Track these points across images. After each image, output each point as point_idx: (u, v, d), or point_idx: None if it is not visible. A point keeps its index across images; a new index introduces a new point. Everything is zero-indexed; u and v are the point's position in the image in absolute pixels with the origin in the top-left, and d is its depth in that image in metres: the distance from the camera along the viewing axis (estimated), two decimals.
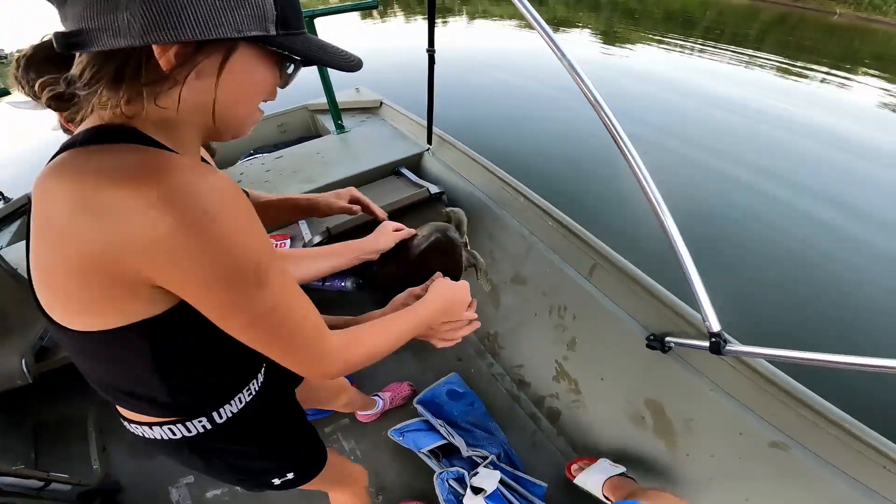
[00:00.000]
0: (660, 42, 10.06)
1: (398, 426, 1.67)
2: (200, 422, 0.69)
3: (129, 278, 0.44)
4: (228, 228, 0.44)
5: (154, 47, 0.41)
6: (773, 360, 1.10)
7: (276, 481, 0.87)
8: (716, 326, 1.01)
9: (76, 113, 0.49)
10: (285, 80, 0.55)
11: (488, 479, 1.46)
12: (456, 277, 0.93)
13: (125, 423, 0.72)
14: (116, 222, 0.40)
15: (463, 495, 1.45)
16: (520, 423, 1.77)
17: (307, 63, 0.54)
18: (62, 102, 0.50)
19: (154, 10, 0.39)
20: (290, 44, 0.49)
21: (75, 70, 0.46)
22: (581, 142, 4.60)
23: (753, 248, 3.65)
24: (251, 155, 2.60)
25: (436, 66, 1.78)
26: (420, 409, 1.73)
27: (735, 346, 1.02)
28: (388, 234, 1.00)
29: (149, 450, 0.74)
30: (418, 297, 0.84)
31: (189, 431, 0.69)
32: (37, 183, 0.45)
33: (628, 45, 9.60)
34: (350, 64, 0.56)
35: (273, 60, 0.51)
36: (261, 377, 0.78)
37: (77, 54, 0.45)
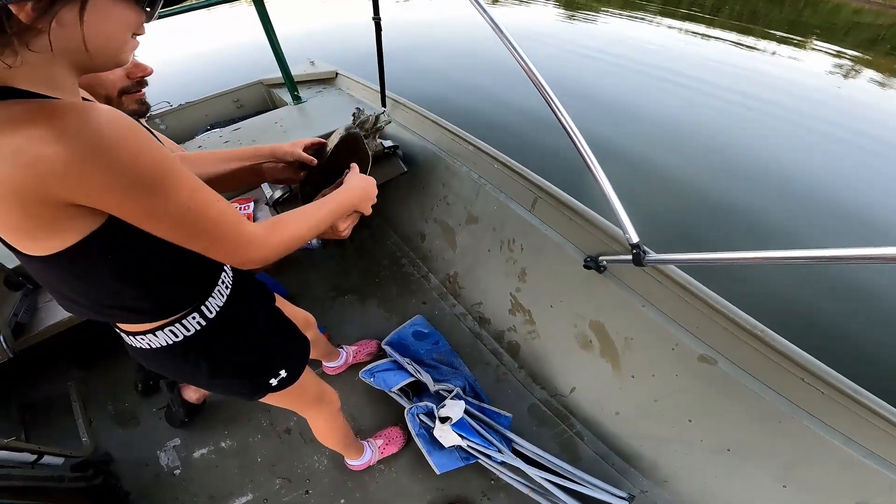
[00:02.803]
0: (621, 12, 10.19)
1: (368, 367, 1.75)
2: (194, 318, 0.78)
3: (59, 202, 0.50)
4: (123, 149, 0.50)
5: (10, 6, 0.45)
6: (688, 265, 1.21)
7: (273, 381, 0.96)
8: (634, 238, 1.12)
9: None
10: (150, 15, 0.59)
11: (454, 408, 1.56)
12: (365, 164, 1.01)
13: (129, 340, 0.79)
14: (28, 162, 0.46)
15: (433, 428, 1.54)
16: (483, 359, 1.88)
17: None
18: None
19: None
20: None
21: None
22: (519, 94, 5.01)
23: (661, 169, 4.07)
24: (208, 129, 2.60)
25: (389, 37, 1.85)
26: (388, 349, 1.82)
27: (653, 256, 1.13)
28: (294, 144, 1.02)
29: (160, 364, 0.83)
30: None
31: (188, 330, 0.78)
32: None
33: (587, 15, 9.70)
34: None
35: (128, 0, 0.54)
36: (228, 270, 0.86)
37: None
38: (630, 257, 1.16)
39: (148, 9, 0.58)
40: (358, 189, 0.89)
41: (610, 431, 1.56)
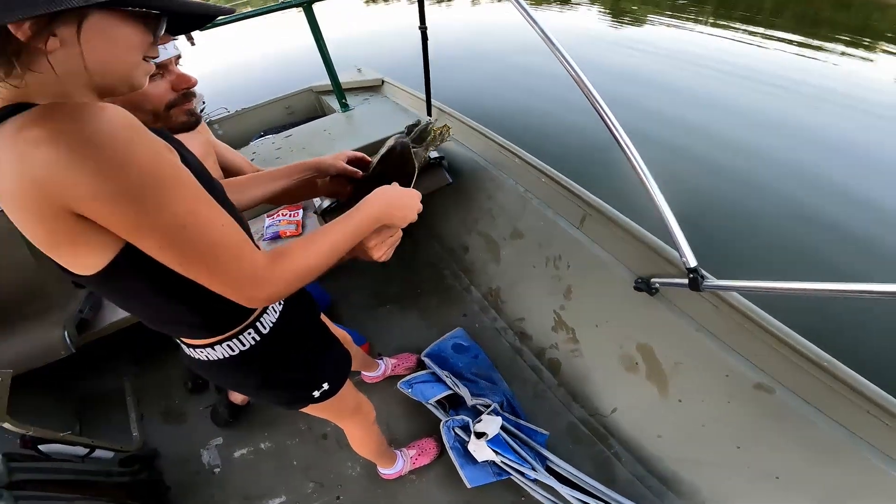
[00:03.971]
0: (671, 17, 9.82)
1: (406, 378, 1.76)
2: (250, 333, 0.81)
3: (64, 211, 0.49)
4: (115, 151, 0.47)
5: (9, 25, 0.44)
6: (748, 293, 1.13)
7: (316, 394, 0.98)
8: (692, 262, 1.06)
9: None
10: (156, 36, 0.57)
11: (491, 424, 1.53)
12: (410, 177, 0.93)
13: (188, 351, 0.82)
14: (27, 168, 0.45)
15: (468, 442, 1.53)
16: (522, 374, 1.85)
17: (174, 17, 0.57)
18: None
19: None
20: (142, 2, 0.52)
21: None
22: (567, 107, 4.81)
23: (727, 193, 3.75)
24: (261, 135, 2.71)
25: (434, 44, 1.84)
26: (427, 361, 1.83)
27: (712, 281, 1.07)
28: (336, 157, 1.01)
29: (213, 374, 0.85)
30: None
31: (244, 345, 0.80)
32: None
33: (633, 20, 9.42)
34: (219, 10, 0.60)
35: (134, 19, 0.53)
36: None
37: None
38: (686, 281, 1.10)
39: (155, 31, 0.56)
40: (381, 200, 0.77)
41: (650, 454, 1.51)
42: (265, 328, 0.83)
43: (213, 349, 0.79)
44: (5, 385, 1.22)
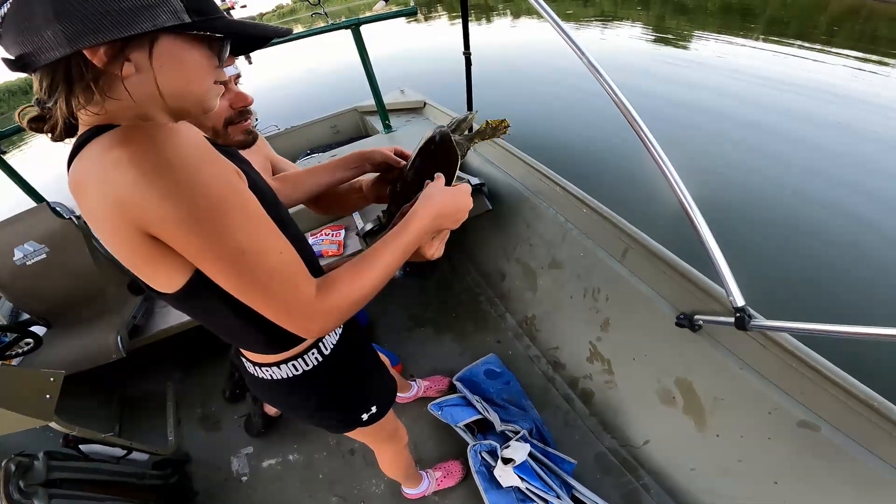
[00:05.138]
0: (716, 37, 9.58)
1: (437, 401, 1.76)
2: (313, 353, 0.83)
3: (140, 231, 0.50)
4: (186, 175, 0.48)
5: (85, 51, 0.47)
6: (799, 335, 1.10)
7: (365, 417, 0.99)
8: (739, 301, 1.04)
9: (53, 127, 0.55)
10: (221, 59, 0.59)
11: (518, 450, 1.53)
12: (453, 167, 0.83)
13: (252, 370, 0.85)
14: (108, 189, 0.47)
15: (494, 467, 1.53)
16: (554, 402, 1.83)
17: (236, 39, 0.58)
18: (40, 122, 0.56)
19: (71, 22, 0.45)
20: (208, 26, 0.54)
21: (35, 88, 0.52)
22: (610, 135, 4.73)
23: (776, 228, 3.56)
24: (308, 154, 2.81)
25: (476, 67, 1.89)
26: (458, 385, 1.83)
27: (760, 321, 1.04)
28: (384, 147, 1.00)
29: (274, 395, 0.88)
30: None
31: (307, 365, 0.83)
32: (71, 191, 0.53)
33: (678, 42, 9.25)
34: (276, 32, 0.61)
35: (200, 44, 0.55)
36: None
37: (31, 74, 0.51)
38: (732, 320, 1.07)
39: (220, 54, 0.58)
40: (431, 211, 0.71)
41: (680, 486, 1.47)
42: (327, 349, 0.85)
43: (279, 368, 0.81)
44: (57, 386, 1.25)
